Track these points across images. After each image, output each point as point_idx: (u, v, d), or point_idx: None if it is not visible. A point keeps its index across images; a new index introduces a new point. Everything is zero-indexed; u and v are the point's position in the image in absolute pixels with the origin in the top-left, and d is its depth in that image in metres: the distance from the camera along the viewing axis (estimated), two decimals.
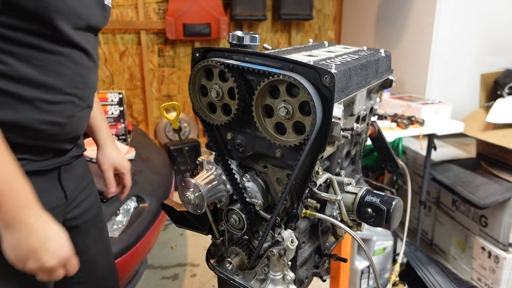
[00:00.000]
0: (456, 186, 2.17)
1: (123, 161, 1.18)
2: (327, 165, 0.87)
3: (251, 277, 0.84)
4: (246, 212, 0.77)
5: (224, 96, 0.70)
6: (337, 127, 0.65)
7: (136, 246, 1.55)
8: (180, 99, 3.94)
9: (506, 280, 2.07)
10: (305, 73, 0.62)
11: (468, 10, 2.60)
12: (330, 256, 0.92)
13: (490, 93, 2.66)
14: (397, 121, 2.14)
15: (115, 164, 1.16)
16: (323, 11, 4.17)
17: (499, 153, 2.18)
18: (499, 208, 2.04)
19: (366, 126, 0.97)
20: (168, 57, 3.75)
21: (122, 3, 3.46)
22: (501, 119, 2.11)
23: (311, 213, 0.78)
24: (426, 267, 2.14)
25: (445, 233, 2.48)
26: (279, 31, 4.07)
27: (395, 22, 3.09)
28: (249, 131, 0.72)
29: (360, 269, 2.11)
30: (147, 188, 1.82)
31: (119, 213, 1.63)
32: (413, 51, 2.86)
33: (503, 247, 2.06)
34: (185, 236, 2.77)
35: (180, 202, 0.81)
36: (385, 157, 1.08)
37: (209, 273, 2.36)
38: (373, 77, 0.86)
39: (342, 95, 0.71)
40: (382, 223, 0.77)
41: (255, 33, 0.72)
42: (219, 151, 0.76)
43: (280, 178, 0.75)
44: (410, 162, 2.67)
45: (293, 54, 0.82)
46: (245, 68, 0.66)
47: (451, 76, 2.71)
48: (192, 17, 3.49)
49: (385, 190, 1.03)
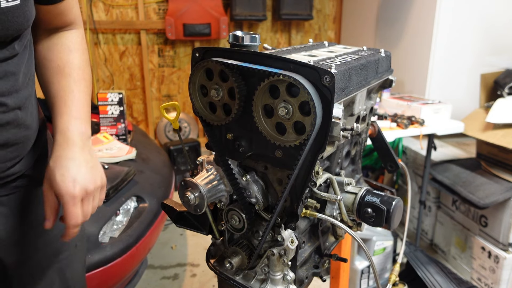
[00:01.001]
0: (456, 186, 2.17)
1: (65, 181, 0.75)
2: (327, 165, 0.87)
3: (251, 277, 0.84)
4: (246, 212, 0.77)
5: (224, 96, 0.70)
6: (337, 127, 0.65)
7: (136, 246, 1.55)
8: (180, 99, 3.94)
9: (506, 280, 2.07)
10: (305, 73, 0.62)
11: (468, 10, 2.60)
12: (330, 256, 0.92)
13: (490, 93, 2.66)
14: (397, 121, 2.14)
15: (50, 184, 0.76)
16: (323, 11, 4.17)
17: (499, 153, 2.18)
18: (499, 208, 2.04)
19: (366, 126, 0.97)
20: (168, 57, 3.75)
21: (122, 3, 3.47)
22: (501, 119, 2.11)
23: (311, 213, 0.78)
24: (426, 267, 2.14)
25: (445, 233, 2.48)
26: (279, 31, 4.07)
27: (395, 22, 3.09)
28: (249, 131, 0.72)
29: (360, 269, 2.11)
30: (147, 188, 1.82)
31: (119, 213, 1.63)
32: (413, 51, 2.86)
33: (503, 247, 2.06)
34: (185, 236, 2.77)
35: (180, 202, 0.81)
36: (385, 157, 1.08)
37: (209, 273, 2.36)
38: (373, 77, 0.86)
39: (342, 95, 0.71)
40: (382, 223, 0.77)
41: (255, 33, 0.72)
42: (219, 151, 0.76)
43: (280, 178, 0.75)
44: (410, 162, 2.67)
45: (293, 54, 0.82)
46: (245, 68, 0.66)
47: (451, 76, 2.71)
48: (192, 17, 3.49)
49: (385, 190, 1.03)
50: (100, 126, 2.20)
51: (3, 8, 0.68)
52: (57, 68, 0.85)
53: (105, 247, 1.45)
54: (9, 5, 0.69)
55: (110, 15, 3.46)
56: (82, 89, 0.86)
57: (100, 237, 1.48)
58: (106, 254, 1.43)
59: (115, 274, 1.48)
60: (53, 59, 0.86)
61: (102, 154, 1.92)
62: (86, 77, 0.88)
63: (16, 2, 0.70)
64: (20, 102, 0.77)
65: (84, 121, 0.83)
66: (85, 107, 0.85)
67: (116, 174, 1.70)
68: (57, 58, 0.86)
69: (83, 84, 0.87)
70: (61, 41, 0.88)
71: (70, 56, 0.87)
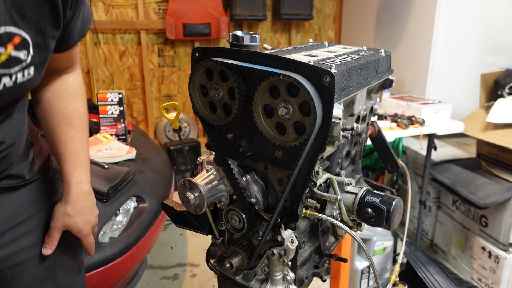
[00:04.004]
0: (456, 186, 2.17)
1: (84, 225, 0.95)
2: (327, 165, 0.87)
3: (251, 277, 0.84)
4: (246, 212, 0.77)
5: (224, 96, 0.70)
6: (337, 127, 0.65)
7: (136, 246, 1.55)
8: (180, 99, 3.94)
9: (506, 280, 2.07)
10: (305, 73, 0.62)
11: (468, 10, 2.60)
12: (330, 256, 0.92)
13: (490, 93, 2.66)
14: (397, 121, 2.14)
15: (69, 227, 0.94)
16: (323, 11, 4.17)
17: (499, 153, 2.18)
18: (499, 208, 2.04)
19: (366, 126, 0.97)
20: (168, 57, 3.75)
21: (122, 3, 3.47)
22: (501, 119, 2.11)
23: (311, 213, 0.78)
24: (426, 267, 2.14)
25: (445, 233, 2.48)
26: (279, 31, 4.07)
27: (395, 22, 3.09)
28: (249, 131, 0.72)
29: (360, 269, 2.11)
30: (147, 188, 1.82)
31: (119, 213, 1.63)
32: (413, 51, 2.86)
33: (503, 247, 2.06)
34: (185, 236, 2.77)
35: (180, 202, 0.81)
36: (385, 157, 1.08)
37: (209, 273, 2.36)
38: (373, 77, 0.86)
39: (342, 95, 0.71)
40: (382, 223, 0.77)
41: (255, 33, 0.72)
42: (219, 151, 0.76)
43: (280, 178, 0.75)
44: (410, 162, 2.67)
45: (293, 54, 0.82)
46: (245, 68, 0.66)
47: (451, 76, 2.71)
48: (192, 17, 3.49)
49: (385, 190, 1.03)
50: (100, 126, 2.20)
51: (19, 83, 0.73)
52: (63, 116, 0.91)
53: (105, 247, 1.45)
54: (24, 80, 0.73)
55: (110, 15, 3.46)
56: (86, 136, 0.96)
57: (100, 237, 1.47)
58: (106, 254, 1.43)
59: (115, 274, 1.48)
60: (58, 106, 0.91)
61: (102, 154, 1.91)
62: (87, 121, 0.97)
63: (30, 75, 0.74)
64: (14, 140, 0.83)
65: (89, 169, 0.96)
66: (88, 153, 0.96)
67: (116, 174, 1.70)
68: (62, 106, 0.91)
69: (86, 130, 0.96)
70: (64, 86, 0.93)
71: (74, 104, 0.93)
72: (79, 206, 0.93)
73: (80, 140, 0.93)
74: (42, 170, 0.95)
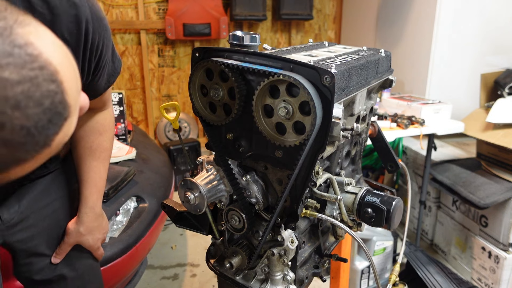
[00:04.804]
0: (456, 186, 2.17)
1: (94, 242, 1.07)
2: (327, 165, 0.87)
3: (251, 277, 0.84)
4: (246, 212, 0.77)
5: (224, 96, 0.70)
6: (337, 127, 0.65)
7: (136, 246, 1.55)
8: (180, 99, 3.94)
9: (506, 280, 2.07)
10: (305, 73, 0.62)
11: (468, 10, 2.60)
12: (330, 256, 0.92)
13: (490, 93, 2.66)
14: (397, 121, 2.14)
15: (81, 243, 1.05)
16: (323, 11, 4.17)
17: (499, 153, 2.18)
18: (499, 208, 2.04)
19: (366, 126, 0.97)
20: (168, 57, 3.75)
21: (122, 3, 3.46)
22: (501, 119, 2.11)
23: (311, 213, 0.78)
24: (426, 267, 2.14)
25: (445, 233, 2.48)
26: (279, 31, 4.07)
27: (395, 22, 3.09)
28: (249, 131, 0.72)
29: (360, 269, 2.11)
30: (147, 188, 1.82)
31: (119, 213, 1.63)
32: (413, 51, 2.86)
33: (503, 247, 2.06)
34: (185, 236, 2.77)
35: (180, 202, 0.81)
36: (385, 157, 1.08)
37: (209, 273, 2.36)
38: (373, 77, 0.86)
39: (342, 95, 0.71)
40: (382, 223, 0.77)
41: (255, 33, 0.72)
42: (219, 151, 0.76)
43: (280, 178, 0.75)
44: (410, 162, 2.67)
45: (293, 54, 0.82)
46: (245, 68, 0.66)
47: (451, 76, 2.71)
48: (192, 17, 3.49)
49: (385, 190, 1.03)
50: None
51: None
52: (89, 149, 1.01)
53: (105, 247, 1.44)
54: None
55: (110, 15, 3.46)
56: (106, 167, 1.06)
57: None
58: (106, 254, 1.42)
59: (115, 274, 1.48)
60: (85, 139, 1.01)
61: None
62: (110, 153, 1.07)
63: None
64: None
65: (103, 193, 1.08)
66: (105, 181, 1.07)
67: (116, 174, 1.70)
68: (89, 140, 1.01)
69: (107, 161, 1.06)
70: (93, 124, 1.01)
71: (100, 139, 1.02)
72: (91, 226, 1.05)
73: (100, 171, 1.04)
74: (65, 160, 1.05)
